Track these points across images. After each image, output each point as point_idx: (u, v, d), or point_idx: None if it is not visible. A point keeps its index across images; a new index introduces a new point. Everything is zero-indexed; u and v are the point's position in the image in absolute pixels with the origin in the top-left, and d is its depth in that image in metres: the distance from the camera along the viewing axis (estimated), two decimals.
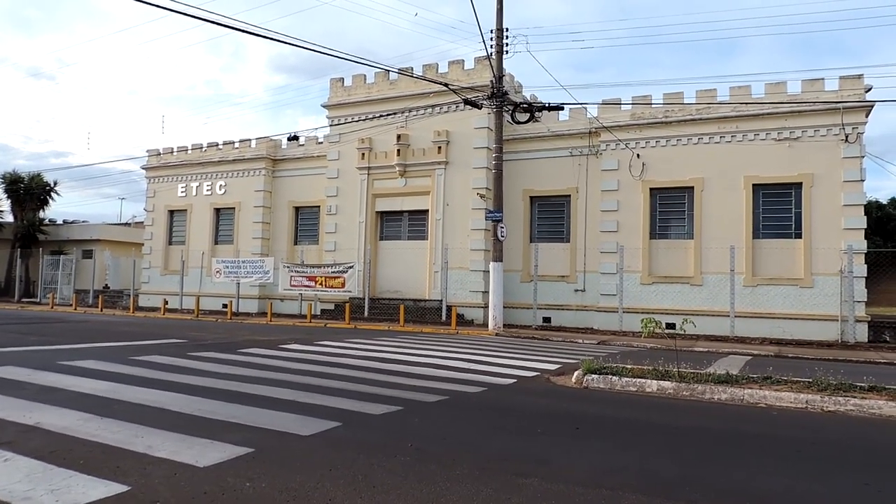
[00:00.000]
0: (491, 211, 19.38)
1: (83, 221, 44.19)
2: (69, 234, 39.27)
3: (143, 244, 30.88)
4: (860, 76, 18.08)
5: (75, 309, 26.96)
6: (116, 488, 3.88)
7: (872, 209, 38.72)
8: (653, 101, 20.21)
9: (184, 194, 29.34)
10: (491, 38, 18.87)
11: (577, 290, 21.30)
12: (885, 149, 65.84)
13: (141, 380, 7.89)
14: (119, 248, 37.34)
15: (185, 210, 29.28)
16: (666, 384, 8.19)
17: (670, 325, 10.78)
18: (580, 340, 16.68)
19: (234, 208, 27.99)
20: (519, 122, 20.17)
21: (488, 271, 19.53)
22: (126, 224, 47.06)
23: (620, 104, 20.63)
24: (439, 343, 14.40)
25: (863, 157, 17.91)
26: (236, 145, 28.17)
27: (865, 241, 17.96)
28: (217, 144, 28.73)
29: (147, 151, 30.84)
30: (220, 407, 6.34)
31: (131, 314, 24.80)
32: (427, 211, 23.17)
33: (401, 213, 24.02)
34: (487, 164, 21.28)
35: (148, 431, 5.25)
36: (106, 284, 34.62)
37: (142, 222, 35.27)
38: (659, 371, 8.72)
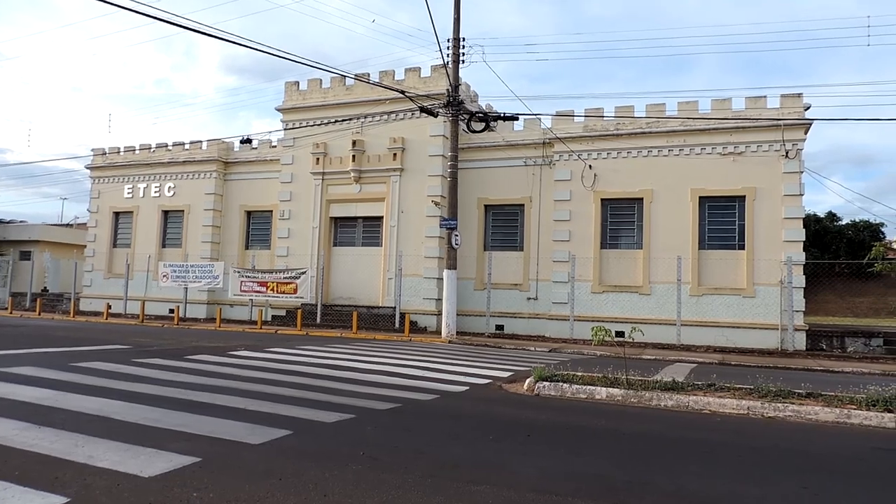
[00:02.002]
0: (445, 219, 19.44)
1: (21, 221, 42.37)
2: (6, 234, 37.55)
3: (85, 246, 29.82)
4: (800, 95, 18.86)
5: (11, 313, 25.84)
6: (55, 500, 3.74)
7: (811, 222, 40.40)
8: (604, 114, 20.63)
9: (130, 195, 28.50)
10: (448, 47, 19.00)
11: (529, 299, 21.52)
12: (823, 164, 68.89)
13: (82, 387, 7.62)
14: (60, 249, 35.94)
15: (132, 212, 28.43)
16: (615, 391, 8.35)
17: (619, 334, 10.97)
18: (532, 348, 16.86)
19: (183, 211, 27.32)
20: (474, 131, 20.31)
21: (442, 279, 19.57)
22: (68, 225, 45.33)
23: (573, 116, 21.00)
24: (392, 350, 14.35)
25: (802, 172, 18.67)
26: (186, 147, 27.53)
27: (804, 253, 18.69)
28: (166, 145, 28.03)
29: (92, 150, 29.85)
30: (166, 415, 6.18)
31: (72, 318, 23.91)
32: (382, 217, 23.08)
33: (355, 219, 23.88)
34: (443, 172, 21.36)
35: (89, 441, 5.08)
36: (45, 287, 33.28)
37: (85, 223, 34.08)
38: (608, 378, 8.89)
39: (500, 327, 21.37)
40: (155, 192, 27.94)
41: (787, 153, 18.61)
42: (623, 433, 6.47)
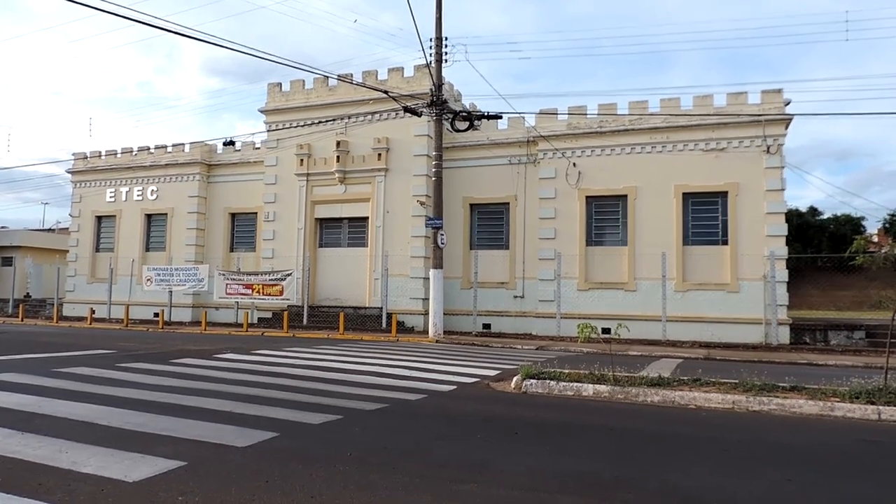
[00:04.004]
0: (431, 218, 19.44)
1: (2, 227, 41.94)
2: None
3: (68, 251, 29.50)
4: (780, 90, 19.04)
5: None
6: None
7: (793, 217, 40.81)
8: (588, 112, 20.71)
9: (113, 199, 28.22)
10: (430, 47, 18.99)
11: (516, 297, 21.56)
12: (804, 159, 69.61)
13: (66, 393, 7.53)
14: (42, 254, 35.54)
15: (114, 216, 28.16)
16: (602, 388, 8.39)
17: (606, 330, 11.05)
18: (519, 346, 16.89)
19: (166, 214, 27.10)
20: (458, 131, 20.31)
21: (429, 278, 19.56)
22: (50, 230, 44.91)
23: (557, 114, 21.09)
24: (379, 351, 14.31)
25: (783, 167, 18.85)
26: (169, 149, 27.31)
27: (786, 248, 18.86)
28: (149, 148, 27.79)
29: (73, 155, 29.53)
30: (152, 419, 6.12)
31: (55, 324, 23.63)
32: (367, 218, 23.02)
33: (340, 219, 23.80)
34: (427, 172, 21.32)
35: (73, 446, 5.02)
36: (27, 293, 32.90)
37: (67, 228, 33.72)
38: (595, 375, 8.92)
39: (487, 326, 21.40)
40: (138, 195, 27.68)
41: (768, 148, 18.78)
42: (610, 429, 6.50)
